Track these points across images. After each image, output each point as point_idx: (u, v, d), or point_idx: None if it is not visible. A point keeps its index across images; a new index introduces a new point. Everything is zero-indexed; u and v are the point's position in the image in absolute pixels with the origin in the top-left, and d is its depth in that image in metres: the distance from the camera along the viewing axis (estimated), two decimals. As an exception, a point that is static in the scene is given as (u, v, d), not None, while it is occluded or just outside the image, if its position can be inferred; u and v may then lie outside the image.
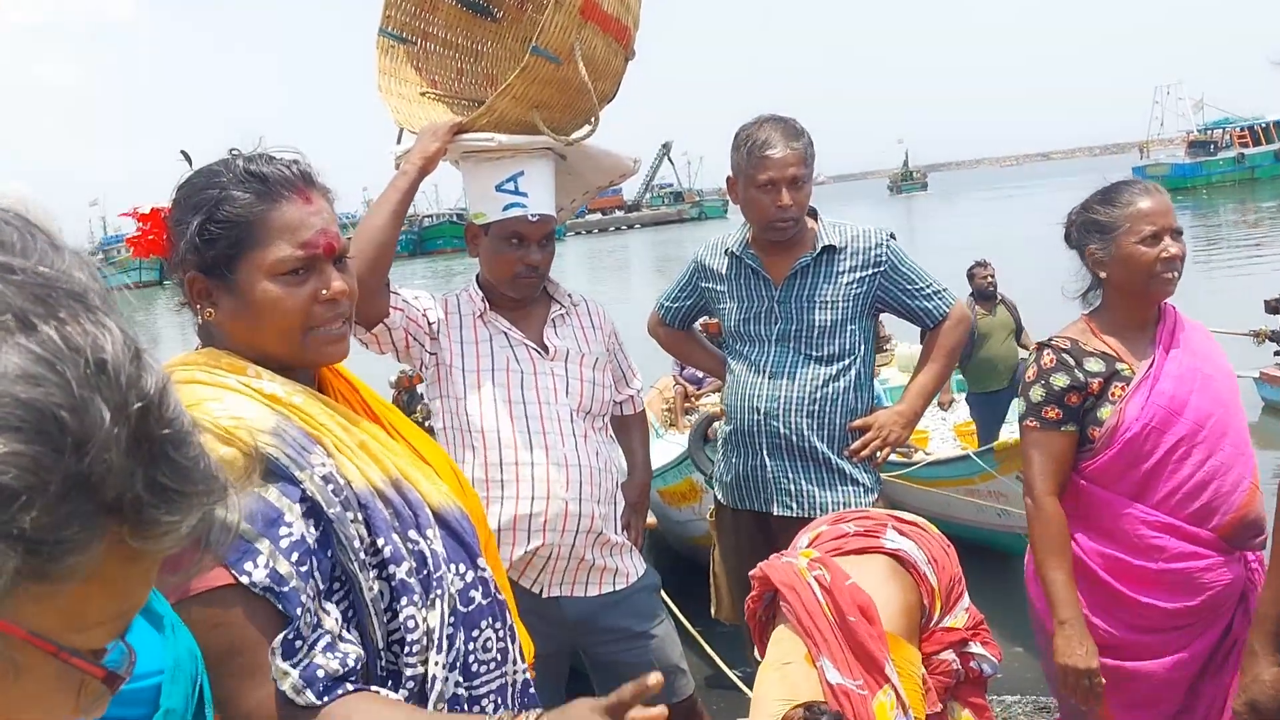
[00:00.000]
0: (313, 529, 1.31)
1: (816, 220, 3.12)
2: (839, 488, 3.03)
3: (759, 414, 3.05)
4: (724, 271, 3.20)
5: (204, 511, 0.58)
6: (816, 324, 3.04)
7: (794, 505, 3.03)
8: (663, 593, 2.90)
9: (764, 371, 3.07)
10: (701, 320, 3.56)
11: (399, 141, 2.73)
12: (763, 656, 2.26)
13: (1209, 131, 56.14)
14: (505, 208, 2.58)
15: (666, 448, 7.20)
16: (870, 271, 3.04)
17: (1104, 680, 2.32)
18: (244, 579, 1.25)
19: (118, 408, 0.54)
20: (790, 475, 3.04)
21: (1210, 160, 51.54)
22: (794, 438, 3.02)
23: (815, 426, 3.01)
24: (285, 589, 1.27)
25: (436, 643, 1.39)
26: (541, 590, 2.60)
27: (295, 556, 1.28)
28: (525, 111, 2.50)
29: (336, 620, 1.33)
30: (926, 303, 3.09)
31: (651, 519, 6.25)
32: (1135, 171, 53.26)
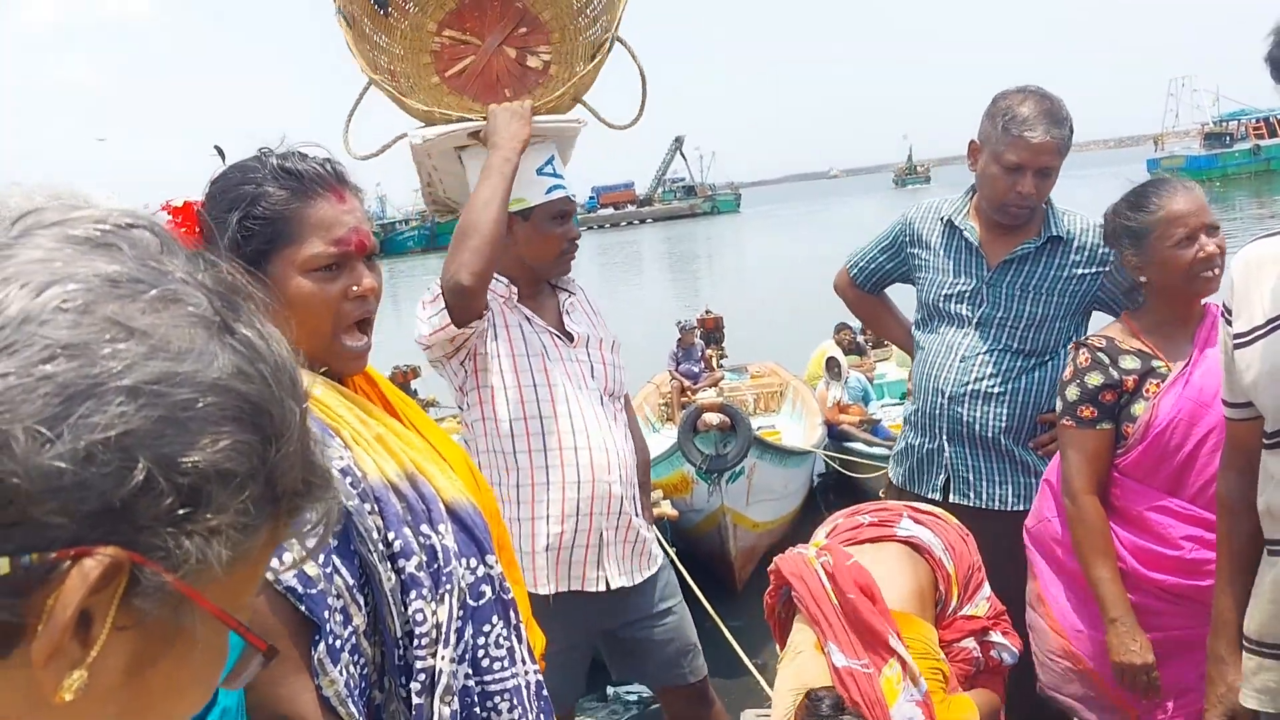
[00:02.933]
0: (322, 557, 1.31)
1: (1047, 204, 2.90)
2: (1021, 480, 2.85)
3: (943, 397, 2.88)
4: (935, 240, 2.98)
5: (329, 505, 0.64)
6: (1025, 316, 2.83)
7: (971, 495, 2.87)
8: (688, 577, 2.91)
9: (956, 353, 2.87)
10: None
11: (347, 125, 2.70)
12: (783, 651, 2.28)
13: (1224, 124, 55.87)
14: (549, 190, 2.62)
15: (663, 442, 7.22)
16: (1094, 270, 2.82)
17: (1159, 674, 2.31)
18: (269, 575, 1.25)
19: (298, 406, 0.60)
20: (970, 464, 2.87)
21: (1226, 152, 51.28)
22: (977, 426, 2.83)
23: (1003, 417, 2.82)
24: (313, 591, 1.27)
25: (444, 637, 1.39)
26: (607, 585, 2.61)
27: (321, 558, 1.29)
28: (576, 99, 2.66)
29: (365, 617, 1.33)
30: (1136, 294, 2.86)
31: (673, 510, 6.28)
32: (1150, 164, 53.16)
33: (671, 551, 5.92)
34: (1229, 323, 1.86)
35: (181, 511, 0.53)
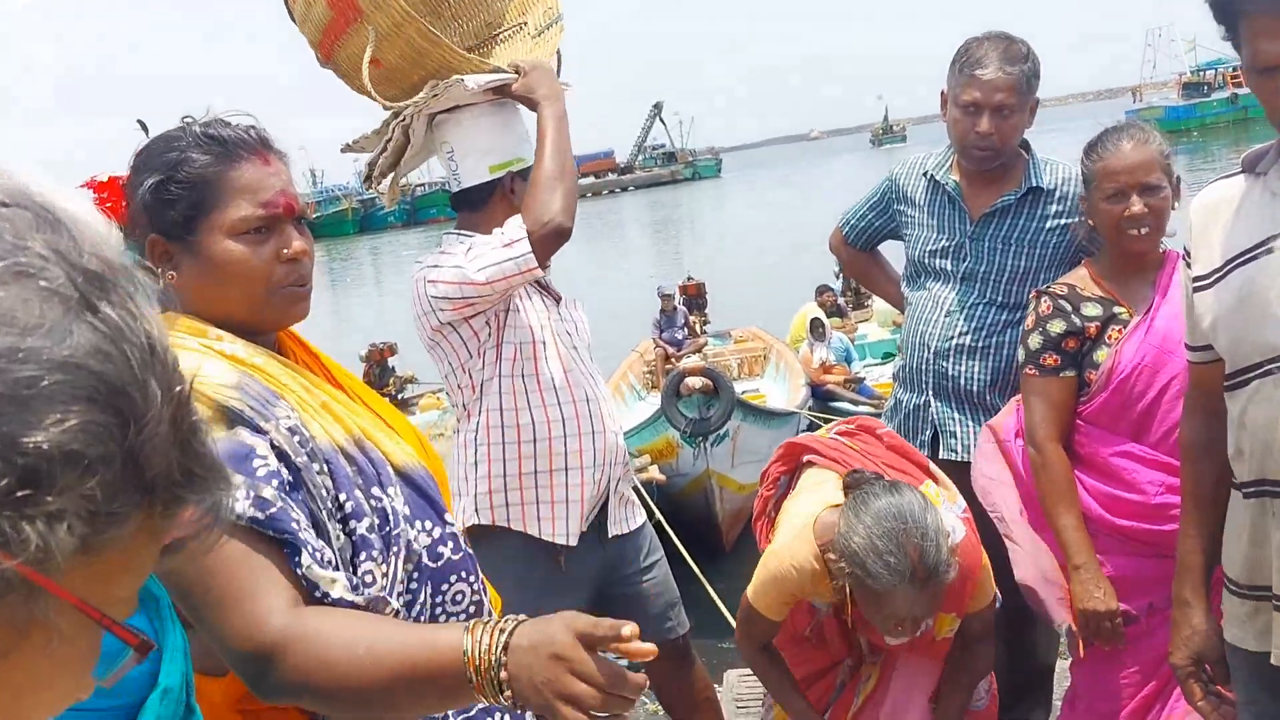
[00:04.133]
0: (285, 470, 1.32)
1: (1028, 154, 2.88)
2: None
3: (929, 351, 2.89)
4: (919, 196, 2.98)
5: (217, 498, 0.61)
6: (1008, 269, 2.84)
7: (959, 449, 2.87)
8: (676, 540, 2.94)
9: (941, 308, 2.89)
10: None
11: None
12: None
13: (1202, 73, 55.83)
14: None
15: (648, 409, 7.25)
16: (1080, 218, 2.72)
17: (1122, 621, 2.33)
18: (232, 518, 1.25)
19: (166, 390, 0.57)
20: (956, 418, 2.88)
21: (1204, 102, 51.27)
22: (962, 381, 2.85)
23: (987, 371, 2.83)
24: (273, 510, 1.27)
25: (386, 598, 1.38)
26: (606, 532, 2.66)
27: (275, 483, 1.29)
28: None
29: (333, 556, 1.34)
30: None
31: (660, 475, 6.28)
32: (1128, 115, 53.05)
33: (659, 514, 5.98)
34: (1189, 265, 1.87)
35: (20, 494, 0.50)
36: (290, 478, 1.32)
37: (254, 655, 1.23)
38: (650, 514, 5.95)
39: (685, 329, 11.01)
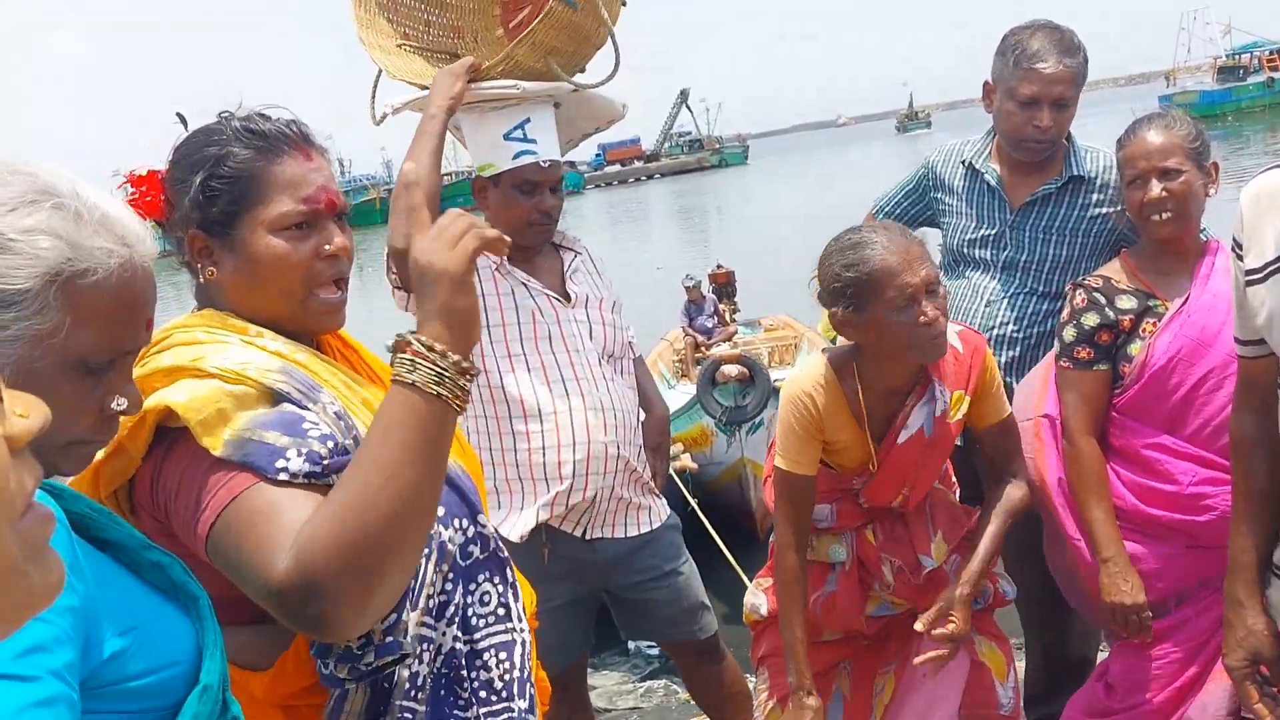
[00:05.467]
0: (331, 443, 1.30)
1: (1069, 142, 2.85)
2: None
3: None
4: (957, 184, 2.94)
5: None
6: (1049, 258, 2.80)
7: None
8: (710, 528, 2.91)
9: (981, 298, 2.84)
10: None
11: (374, 94, 2.70)
12: None
13: (1237, 56, 55.04)
14: (516, 156, 2.56)
15: (679, 398, 7.25)
16: (1120, 208, 2.68)
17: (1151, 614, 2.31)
18: (282, 475, 1.23)
19: None
20: None
21: (1240, 85, 50.52)
22: (1003, 370, 2.71)
23: (1028, 361, 2.76)
24: (330, 461, 1.26)
25: (414, 600, 1.36)
26: (585, 533, 2.63)
27: (330, 445, 1.28)
28: (539, 59, 2.50)
29: None
30: None
31: (693, 464, 6.25)
32: (1162, 100, 52.28)
33: (694, 503, 5.99)
34: (1240, 258, 1.81)
35: None
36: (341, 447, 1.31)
37: (292, 586, 1.14)
38: (685, 502, 6.01)
39: (715, 317, 10.97)
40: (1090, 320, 2.41)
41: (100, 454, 1.23)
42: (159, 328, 1.39)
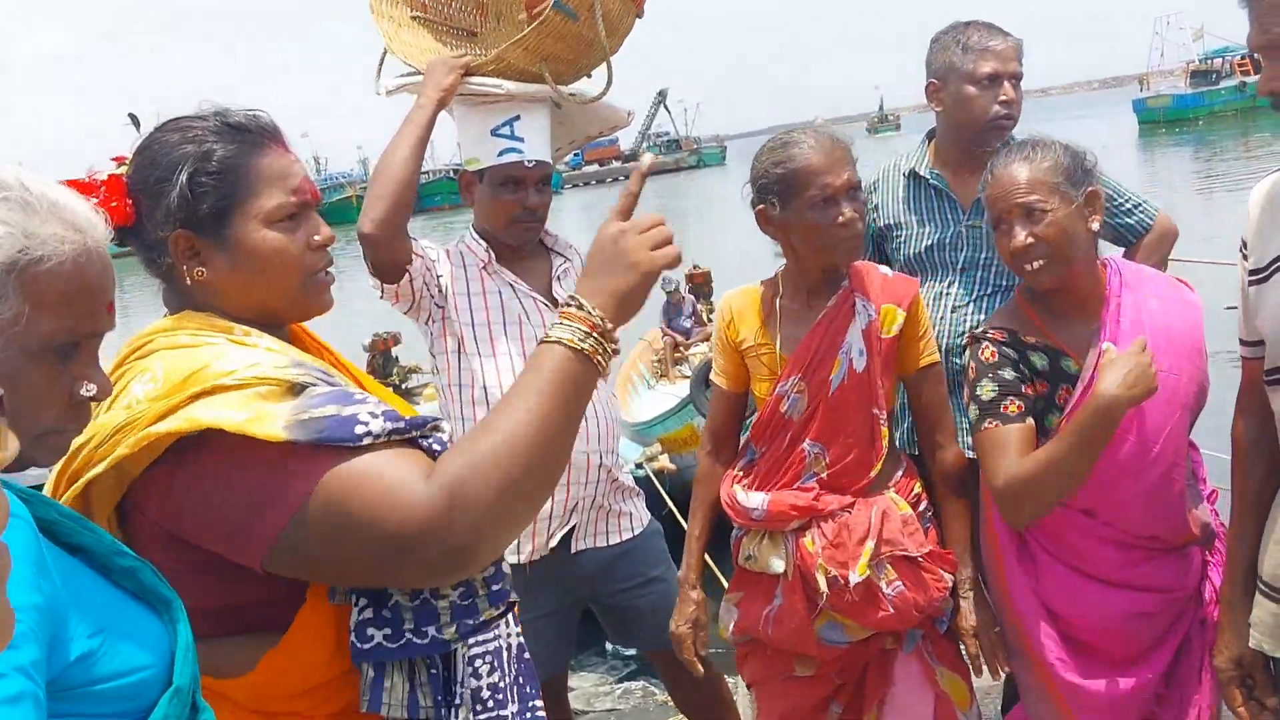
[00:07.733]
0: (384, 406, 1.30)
1: (1012, 137, 2.77)
2: None
3: (940, 351, 2.60)
4: (900, 197, 2.87)
5: None
6: None
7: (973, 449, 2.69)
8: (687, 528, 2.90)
9: (947, 304, 2.76)
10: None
11: (379, 73, 2.69)
12: None
13: (1210, 61, 55.56)
14: (501, 153, 2.54)
15: (658, 398, 7.24)
16: None
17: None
18: (364, 441, 1.22)
19: None
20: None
21: (1212, 90, 51.03)
22: None
23: None
24: (401, 422, 1.26)
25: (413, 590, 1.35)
26: (570, 546, 2.61)
27: (383, 409, 1.27)
28: (533, 63, 2.49)
29: None
30: (1127, 218, 2.79)
31: (671, 465, 6.24)
32: (1135, 104, 52.56)
33: (671, 505, 5.95)
34: (1245, 258, 1.79)
35: None
36: None
37: (442, 514, 1.18)
38: (662, 504, 5.97)
39: (693, 318, 10.99)
40: (1007, 374, 2.13)
41: (96, 469, 1.23)
42: (135, 334, 1.38)
